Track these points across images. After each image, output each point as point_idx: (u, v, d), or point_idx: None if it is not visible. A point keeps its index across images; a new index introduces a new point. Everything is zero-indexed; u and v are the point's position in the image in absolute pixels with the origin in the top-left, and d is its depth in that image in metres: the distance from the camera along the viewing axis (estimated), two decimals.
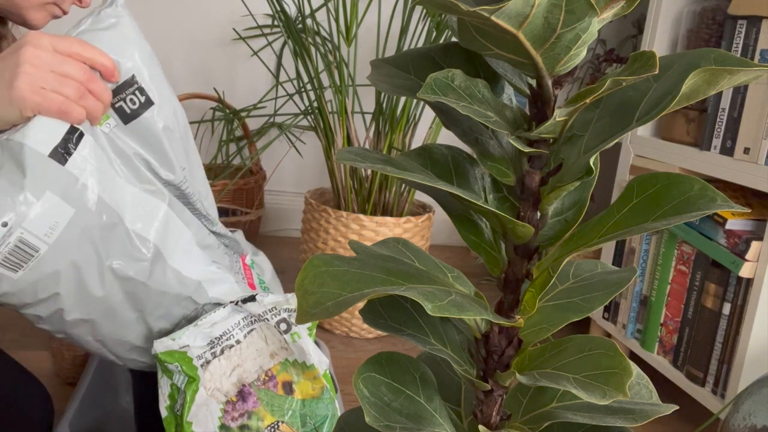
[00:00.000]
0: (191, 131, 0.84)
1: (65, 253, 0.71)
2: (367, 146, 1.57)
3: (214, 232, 0.90)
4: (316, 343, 0.90)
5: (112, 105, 0.75)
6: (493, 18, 0.32)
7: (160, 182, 0.80)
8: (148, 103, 0.76)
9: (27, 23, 0.86)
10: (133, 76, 0.75)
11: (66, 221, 0.70)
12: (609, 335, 1.48)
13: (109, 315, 0.77)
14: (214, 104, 1.96)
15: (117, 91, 0.75)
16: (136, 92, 0.75)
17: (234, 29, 1.99)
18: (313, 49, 1.54)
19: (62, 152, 0.69)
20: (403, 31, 1.49)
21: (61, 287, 0.72)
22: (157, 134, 0.77)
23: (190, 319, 0.83)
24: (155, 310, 0.80)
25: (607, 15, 0.36)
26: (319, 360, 0.83)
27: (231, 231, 1.04)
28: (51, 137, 0.69)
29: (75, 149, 0.70)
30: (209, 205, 0.88)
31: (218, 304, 0.84)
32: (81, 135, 0.71)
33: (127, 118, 0.76)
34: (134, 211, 0.76)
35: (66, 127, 0.70)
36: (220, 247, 0.90)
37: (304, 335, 0.84)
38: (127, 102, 0.76)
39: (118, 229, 0.74)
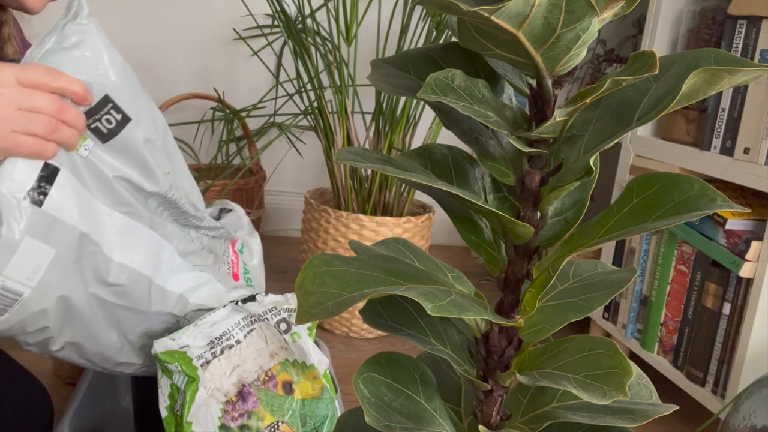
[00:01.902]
0: (178, 135, 0.82)
1: (51, 292, 0.70)
2: (367, 146, 1.57)
3: (202, 227, 0.89)
4: (316, 343, 0.90)
5: (88, 126, 0.71)
6: (493, 18, 0.32)
7: (143, 200, 0.78)
8: (125, 119, 0.72)
9: (23, 7, 0.82)
10: (107, 96, 0.71)
11: (48, 262, 0.68)
12: (609, 335, 1.48)
13: (93, 337, 0.77)
14: (214, 104, 1.96)
15: (91, 113, 0.71)
16: (112, 111, 0.71)
17: (234, 29, 1.99)
18: (313, 49, 1.54)
19: (38, 194, 0.67)
20: (403, 31, 1.49)
21: (50, 321, 0.72)
22: (138, 149, 0.74)
23: (171, 331, 0.84)
24: (135, 328, 0.81)
25: (607, 15, 0.36)
26: (319, 360, 0.83)
27: (228, 211, 1.03)
28: (25, 180, 0.66)
29: (51, 187, 0.67)
30: (196, 198, 0.87)
31: (200, 310, 0.84)
32: (55, 170, 0.68)
33: (104, 137, 0.72)
34: (113, 237, 0.74)
35: (39, 166, 0.67)
36: (204, 249, 0.89)
37: (304, 335, 0.84)
38: (103, 122, 0.71)
39: (96, 257, 0.73)
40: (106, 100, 0.70)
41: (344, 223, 1.46)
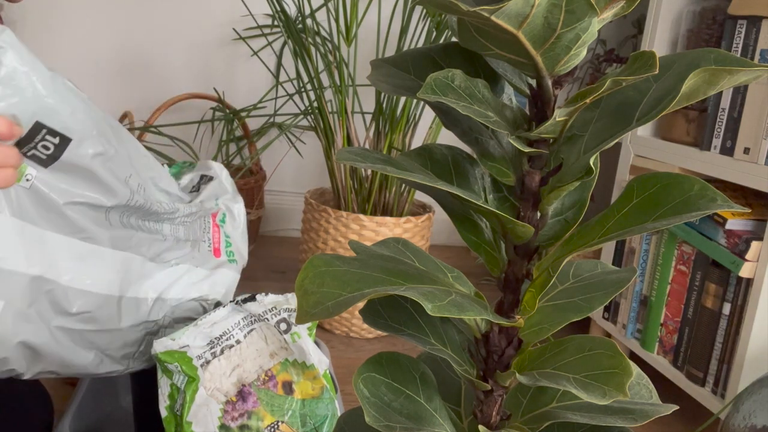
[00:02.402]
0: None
1: (7, 342, 0.67)
2: (367, 146, 1.57)
3: (176, 218, 0.84)
4: (316, 343, 0.90)
5: (24, 154, 0.64)
6: (493, 18, 0.32)
7: (103, 218, 0.73)
8: (65, 141, 0.65)
9: None
10: (38, 122, 0.63)
11: None
12: (609, 335, 1.48)
13: (67, 364, 0.76)
14: (214, 104, 1.96)
15: (23, 143, 0.63)
16: (47, 136, 0.64)
17: (234, 29, 1.99)
18: (313, 49, 1.54)
19: None
20: (403, 31, 1.49)
21: (14, 365, 0.70)
22: (87, 166, 0.67)
23: (151, 335, 0.83)
24: (110, 345, 0.79)
25: (607, 15, 0.36)
26: (319, 360, 0.84)
27: (209, 179, 0.96)
28: None
29: None
30: (166, 183, 0.81)
31: (180, 304, 0.83)
32: None
33: (44, 163, 0.66)
34: (72, 265, 0.71)
35: None
36: (179, 241, 0.84)
37: (304, 335, 0.84)
38: (39, 149, 0.64)
39: (54, 293, 0.70)
40: (38, 126, 0.63)
41: (344, 223, 1.46)
